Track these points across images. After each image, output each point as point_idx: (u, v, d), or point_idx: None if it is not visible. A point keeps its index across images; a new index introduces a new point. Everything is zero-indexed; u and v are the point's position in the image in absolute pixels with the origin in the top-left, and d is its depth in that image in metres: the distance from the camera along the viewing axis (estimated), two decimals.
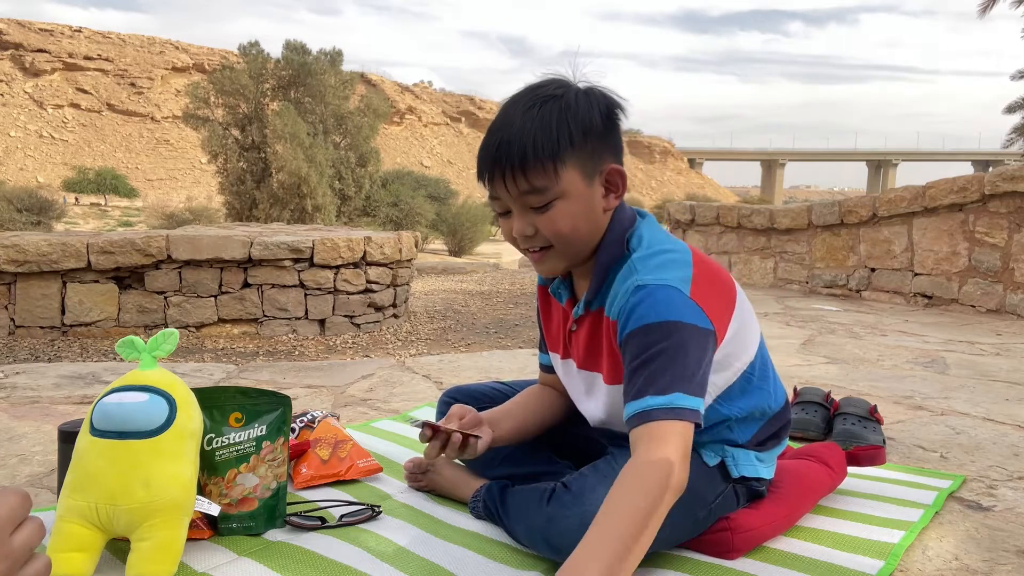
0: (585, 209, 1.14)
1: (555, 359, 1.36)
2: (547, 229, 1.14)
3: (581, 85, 1.16)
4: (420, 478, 1.50)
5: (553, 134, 1.09)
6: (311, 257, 4.56)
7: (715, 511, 1.21)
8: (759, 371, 1.25)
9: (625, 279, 1.13)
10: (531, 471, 1.35)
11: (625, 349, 1.10)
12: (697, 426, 1.05)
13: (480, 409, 1.34)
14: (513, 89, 1.20)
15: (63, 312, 4.33)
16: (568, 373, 1.32)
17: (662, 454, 0.99)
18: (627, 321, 1.09)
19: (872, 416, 1.87)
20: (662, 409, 1.02)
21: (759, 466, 1.27)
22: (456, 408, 1.28)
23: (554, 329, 1.34)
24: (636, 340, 1.07)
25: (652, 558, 1.20)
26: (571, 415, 1.43)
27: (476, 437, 1.24)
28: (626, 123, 1.19)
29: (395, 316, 5.12)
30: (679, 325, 1.06)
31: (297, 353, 4.17)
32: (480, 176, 1.17)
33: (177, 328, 2.40)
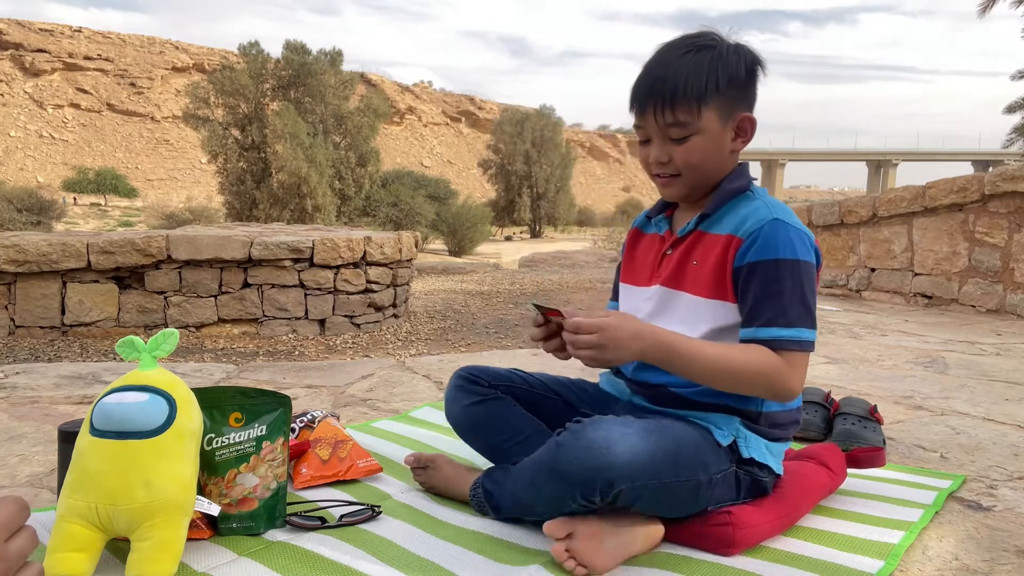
0: (716, 147, 1.29)
1: (629, 291, 1.45)
2: (680, 158, 1.29)
3: (732, 41, 1.30)
4: (421, 473, 1.50)
5: (703, 78, 1.24)
6: (311, 257, 4.56)
7: (716, 484, 1.22)
8: None
9: (757, 210, 1.27)
10: None
11: (754, 273, 1.23)
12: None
13: (502, 390, 1.45)
14: (513, 89, 1.26)
15: (63, 312, 4.33)
16: (640, 297, 1.39)
17: (788, 374, 1.19)
18: (762, 248, 1.23)
19: (872, 416, 1.87)
20: (791, 340, 1.20)
21: (767, 455, 1.29)
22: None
23: (639, 262, 1.45)
24: (767, 270, 1.22)
25: (652, 558, 1.20)
26: (594, 399, 1.46)
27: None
28: (763, 80, 1.33)
29: (395, 316, 5.12)
30: (808, 266, 1.23)
31: (297, 353, 4.17)
32: (631, 105, 1.32)
33: (177, 328, 2.40)
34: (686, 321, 1.28)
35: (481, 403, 1.44)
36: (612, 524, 1.17)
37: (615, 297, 1.53)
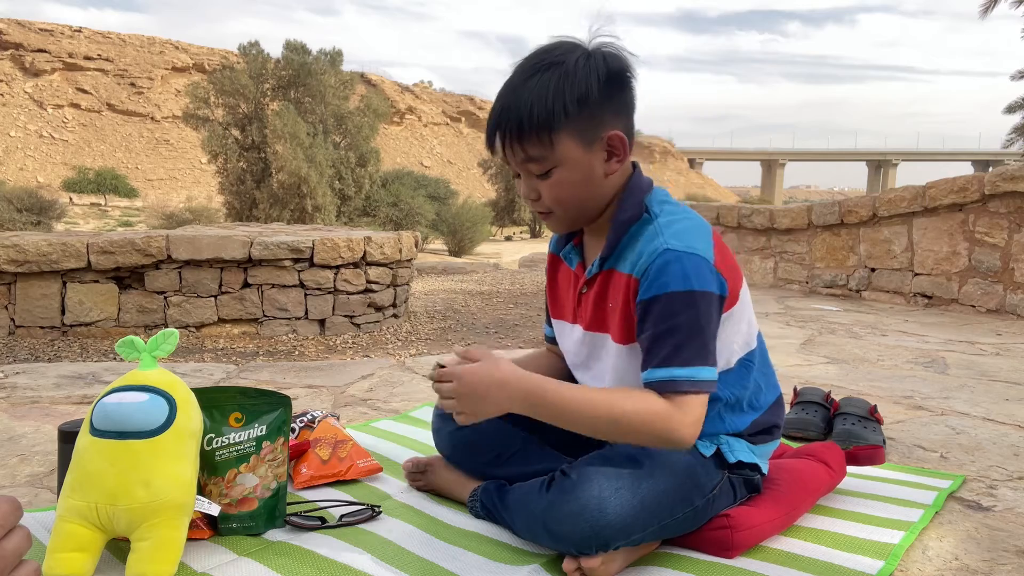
0: (584, 176, 1.17)
1: (560, 327, 1.37)
2: (547, 195, 1.18)
3: (591, 45, 1.16)
4: (418, 477, 1.50)
5: (548, 105, 1.11)
6: (311, 257, 4.56)
7: (713, 501, 1.21)
8: (759, 362, 1.29)
9: (651, 240, 1.15)
10: (540, 469, 1.33)
11: (648, 311, 1.13)
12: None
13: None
14: None
15: (63, 312, 4.33)
16: (572, 339, 1.32)
17: (678, 421, 1.09)
18: (652, 283, 1.12)
19: (872, 416, 1.87)
20: (687, 381, 1.10)
21: (753, 456, 1.28)
22: (473, 350, 1.27)
23: (561, 295, 1.36)
24: (661, 306, 1.11)
25: (652, 557, 1.20)
26: None
27: None
28: (636, 82, 1.19)
29: (395, 316, 5.12)
30: (704, 295, 1.12)
31: (297, 353, 4.17)
32: (487, 142, 1.20)
33: (177, 328, 2.40)
34: (617, 368, 1.22)
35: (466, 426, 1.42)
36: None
37: (549, 321, 1.45)
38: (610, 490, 1.09)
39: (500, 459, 1.39)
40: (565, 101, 1.11)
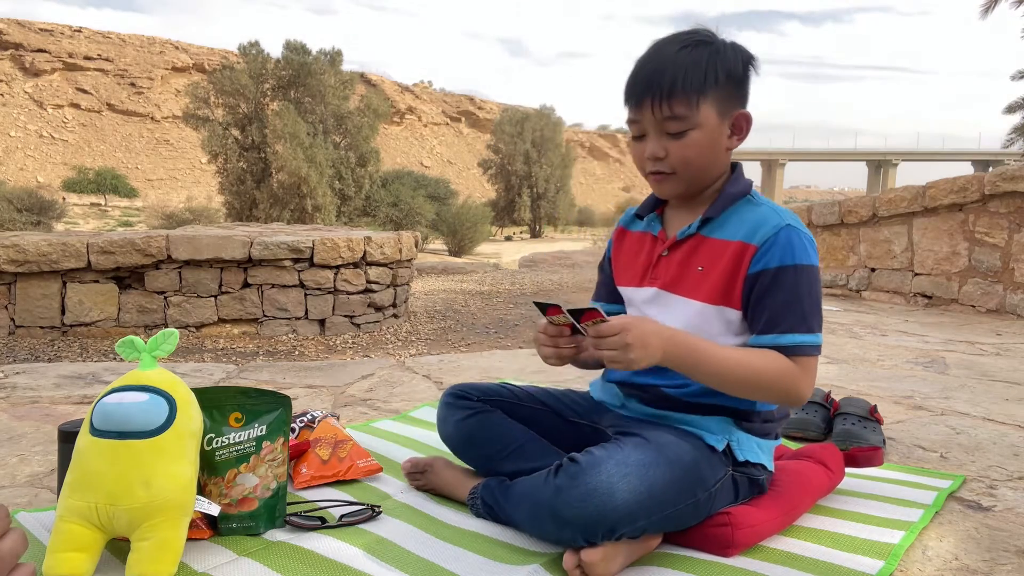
0: (712, 143, 1.28)
1: (627, 294, 1.43)
2: (677, 154, 1.28)
3: (726, 39, 1.31)
4: (418, 477, 1.50)
5: (702, 71, 1.24)
6: (311, 257, 4.56)
7: (715, 496, 1.22)
8: None
9: (767, 217, 1.27)
10: (541, 465, 1.33)
11: (776, 280, 1.23)
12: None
13: (491, 404, 1.43)
14: (514, 89, 1.25)
15: (63, 312, 4.33)
16: (638, 302, 1.38)
17: (801, 380, 1.21)
18: (780, 254, 1.23)
19: (872, 416, 1.88)
20: (809, 346, 1.23)
21: (760, 453, 1.30)
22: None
23: (628, 261, 1.44)
24: (787, 276, 1.23)
25: (652, 557, 1.20)
26: (584, 408, 1.45)
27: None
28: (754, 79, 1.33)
29: (395, 316, 5.12)
30: (818, 271, 1.27)
31: (297, 353, 4.17)
32: (627, 99, 1.30)
33: (177, 328, 2.40)
34: (691, 326, 1.27)
35: (472, 416, 1.43)
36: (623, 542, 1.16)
37: (598, 297, 1.52)
38: (619, 475, 1.11)
39: (502, 452, 1.39)
40: (717, 72, 1.25)
